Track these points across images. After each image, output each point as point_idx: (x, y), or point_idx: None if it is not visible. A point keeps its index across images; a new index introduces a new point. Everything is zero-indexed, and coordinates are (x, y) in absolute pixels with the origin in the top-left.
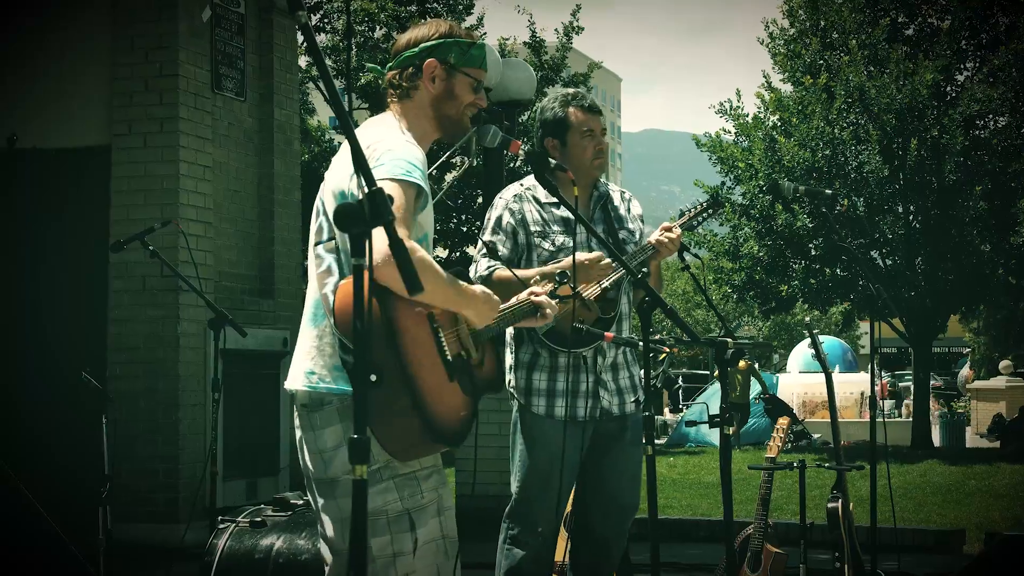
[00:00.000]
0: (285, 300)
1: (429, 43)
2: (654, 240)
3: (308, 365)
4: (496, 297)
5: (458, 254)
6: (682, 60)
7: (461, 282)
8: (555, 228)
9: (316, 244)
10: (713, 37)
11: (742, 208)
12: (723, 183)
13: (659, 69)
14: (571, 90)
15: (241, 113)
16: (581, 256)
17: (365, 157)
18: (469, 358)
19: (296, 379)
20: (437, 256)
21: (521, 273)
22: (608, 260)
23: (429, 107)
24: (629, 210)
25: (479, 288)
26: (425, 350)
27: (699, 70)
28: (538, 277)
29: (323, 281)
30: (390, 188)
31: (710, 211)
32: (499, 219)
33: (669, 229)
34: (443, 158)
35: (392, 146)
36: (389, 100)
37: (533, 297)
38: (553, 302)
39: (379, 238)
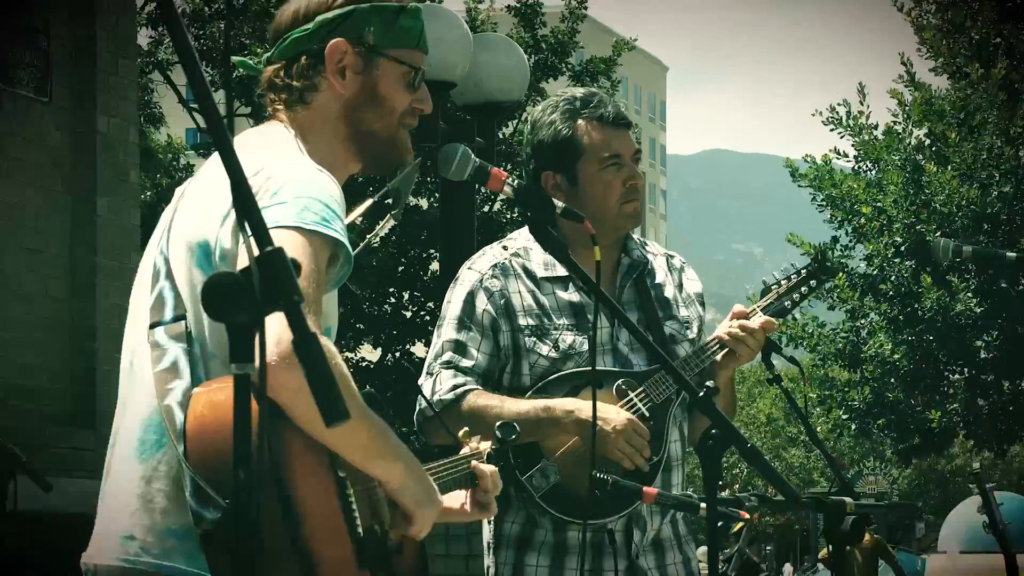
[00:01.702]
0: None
1: (331, 13)
2: (723, 336)
3: (126, 525)
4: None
5: (396, 355)
6: (763, 37)
7: (381, 422)
8: (560, 320)
9: (153, 325)
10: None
11: (866, 280)
12: (835, 239)
13: (724, 51)
14: (581, 91)
15: (43, 122)
16: (607, 412)
17: (251, 190)
18: (385, 535)
19: (104, 550)
20: (361, 359)
21: (511, 406)
22: (642, 434)
23: (340, 118)
24: (681, 287)
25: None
26: (326, 511)
27: (791, 54)
28: (467, 429)
29: (165, 387)
30: (292, 243)
31: (814, 283)
32: (469, 305)
33: (746, 316)
34: (365, 205)
35: (296, 175)
36: (273, 109)
37: (474, 461)
38: (497, 475)
39: (277, 330)
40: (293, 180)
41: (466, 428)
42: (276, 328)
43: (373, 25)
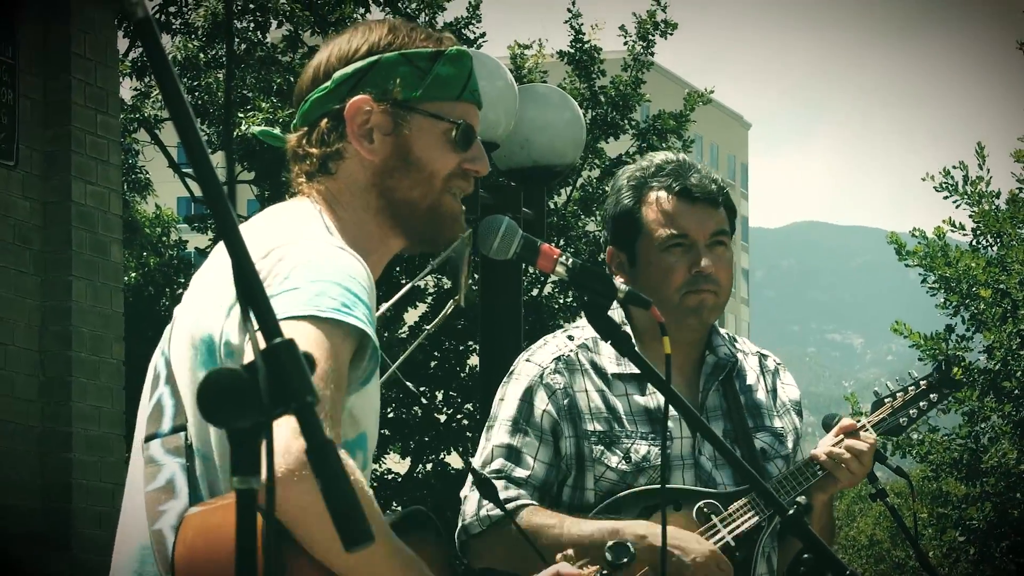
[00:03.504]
0: (95, 555)
1: (351, 67)
2: (823, 457)
3: None
4: None
5: (429, 466)
6: (862, 88)
7: (410, 553)
8: (633, 427)
9: (148, 438)
10: (919, 43)
11: (987, 377)
12: (950, 328)
13: (816, 105)
14: (663, 156)
15: (7, 190)
16: (687, 541)
17: (256, 272)
18: None
19: None
20: (386, 471)
21: (572, 527)
22: (726, 570)
23: (370, 188)
24: (775, 393)
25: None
26: None
27: (895, 108)
28: (570, 552)
29: (156, 508)
30: (306, 336)
31: (935, 397)
32: (526, 404)
33: (853, 432)
34: (405, 288)
35: (311, 255)
36: (297, 183)
37: None
38: None
39: (285, 436)
40: (307, 261)
41: (569, 552)
42: (284, 435)
43: (401, 76)
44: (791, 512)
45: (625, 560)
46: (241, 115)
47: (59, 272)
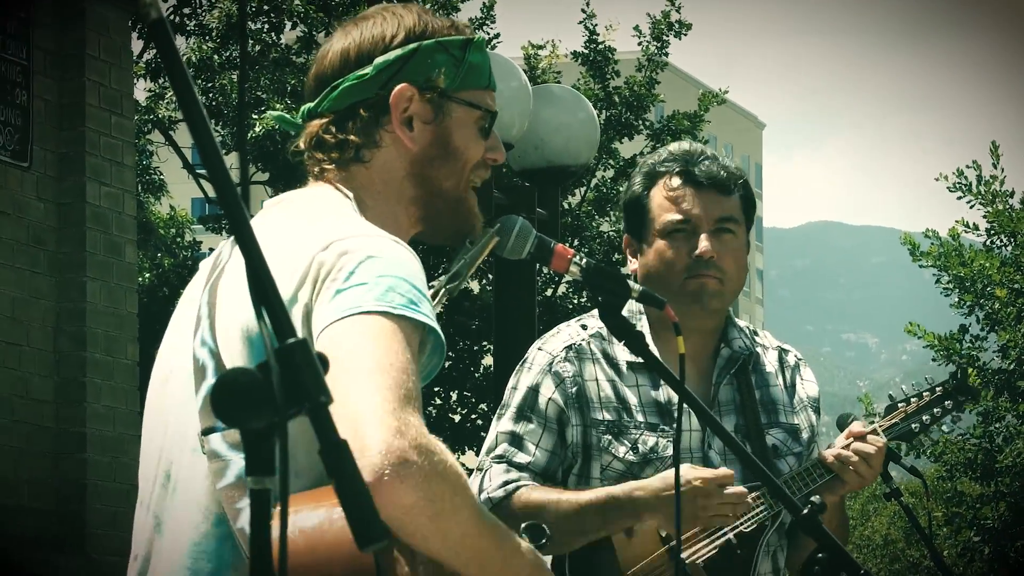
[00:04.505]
0: (109, 556)
1: (392, 54)
2: (831, 459)
3: None
4: None
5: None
6: (875, 88)
7: (519, 538)
8: (642, 418)
9: (207, 431)
10: (933, 45)
11: (1001, 377)
12: (964, 328)
13: (830, 105)
14: (678, 145)
15: (21, 191)
16: (692, 472)
17: (269, 273)
18: None
19: None
20: None
21: (570, 498)
22: (746, 492)
23: (407, 177)
24: (792, 388)
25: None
26: None
27: (909, 108)
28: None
29: (234, 506)
30: (380, 331)
31: (949, 404)
32: (533, 391)
33: (862, 437)
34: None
35: (375, 249)
36: (321, 170)
37: None
38: None
39: (386, 437)
40: (372, 257)
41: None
42: (382, 435)
43: (441, 64)
44: (805, 511)
45: (543, 541)
46: (255, 116)
47: (73, 273)
